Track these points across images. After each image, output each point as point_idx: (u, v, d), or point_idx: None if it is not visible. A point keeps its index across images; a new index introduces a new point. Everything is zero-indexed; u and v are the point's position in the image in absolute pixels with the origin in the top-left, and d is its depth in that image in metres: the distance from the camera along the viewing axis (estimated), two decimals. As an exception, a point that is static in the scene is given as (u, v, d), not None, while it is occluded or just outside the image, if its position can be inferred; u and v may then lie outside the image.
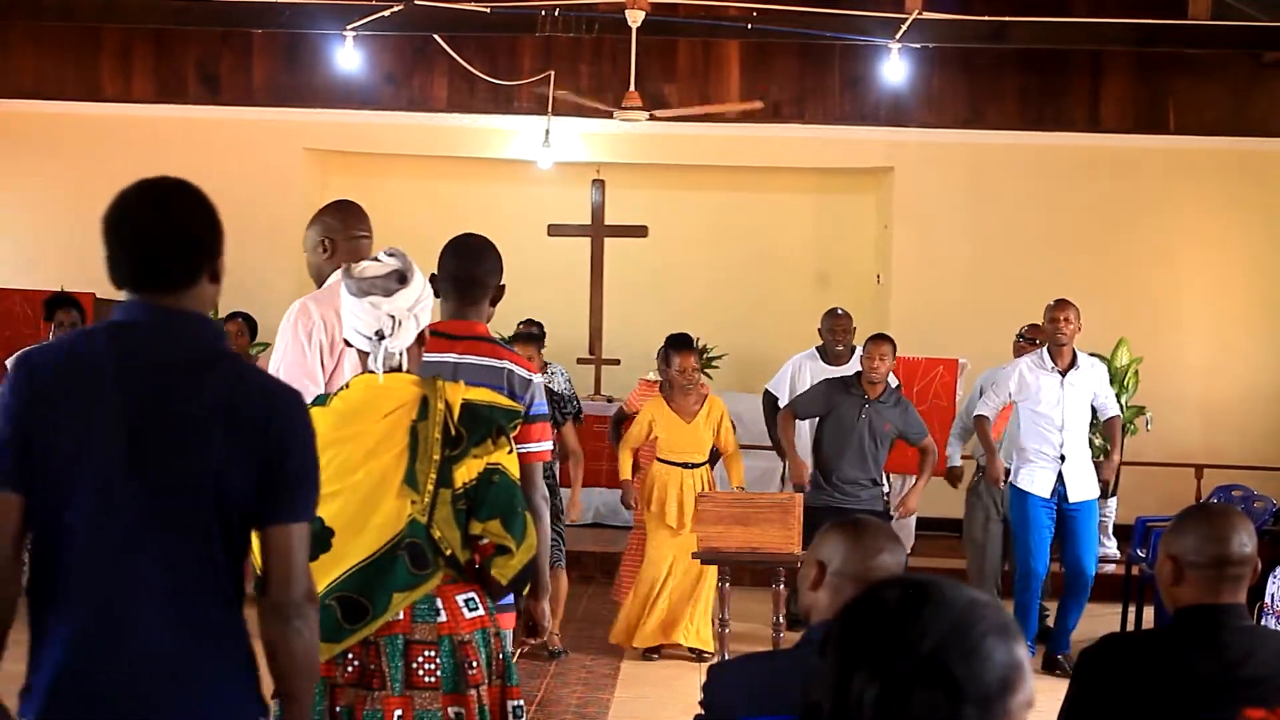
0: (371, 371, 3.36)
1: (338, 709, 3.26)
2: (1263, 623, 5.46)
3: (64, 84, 11.73)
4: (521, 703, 3.45)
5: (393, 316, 3.32)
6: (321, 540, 3.16)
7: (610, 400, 11.42)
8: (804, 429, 8.21)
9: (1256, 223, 11.79)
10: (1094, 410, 7.85)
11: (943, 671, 1.46)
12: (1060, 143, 11.66)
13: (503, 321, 11.18)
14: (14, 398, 2.52)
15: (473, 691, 3.26)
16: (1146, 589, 8.07)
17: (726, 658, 6.82)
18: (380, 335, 3.31)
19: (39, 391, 2.51)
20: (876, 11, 10.32)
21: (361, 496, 3.23)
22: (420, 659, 3.24)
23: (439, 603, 3.27)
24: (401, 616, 3.24)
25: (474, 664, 3.27)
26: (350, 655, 3.25)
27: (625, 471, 7.92)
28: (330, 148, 12.43)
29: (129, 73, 11.74)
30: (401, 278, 3.35)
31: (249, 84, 11.73)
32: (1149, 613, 8.19)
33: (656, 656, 7.73)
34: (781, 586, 7.10)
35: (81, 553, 2.50)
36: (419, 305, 3.38)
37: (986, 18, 10.15)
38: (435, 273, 3.99)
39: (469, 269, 4.04)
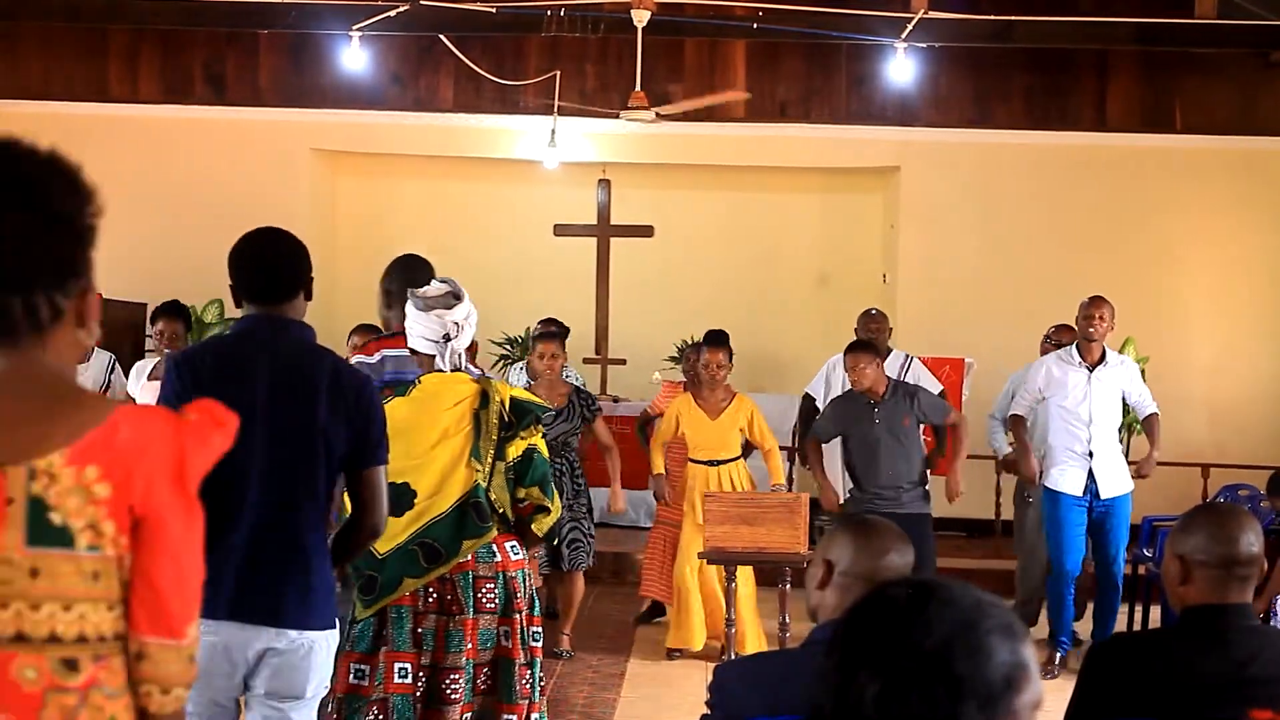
0: (440, 370, 4.38)
1: (420, 630, 4.26)
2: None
3: (71, 85, 11.75)
4: (540, 629, 4.45)
5: (456, 323, 4.36)
6: (407, 500, 4.25)
7: (616, 400, 11.42)
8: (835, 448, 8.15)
9: (1263, 222, 11.77)
10: (1129, 409, 7.82)
11: (945, 668, 1.47)
12: (1067, 142, 11.65)
13: (512, 320, 11.25)
14: (180, 384, 3.48)
15: (517, 615, 4.32)
16: (1153, 588, 8.06)
17: (733, 657, 6.82)
18: (447, 338, 4.35)
19: (198, 378, 3.48)
20: (883, 11, 10.31)
21: (441, 467, 4.29)
22: (484, 589, 4.29)
23: (494, 547, 4.31)
24: (469, 558, 4.27)
25: (519, 594, 4.34)
26: (430, 590, 4.26)
27: (658, 466, 7.97)
28: (336, 148, 12.44)
29: (136, 73, 11.76)
30: (456, 296, 4.41)
31: (255, 84, 11.74)
32: (1155, 612, 8.18)
33: (680, 655, 7.74)
34: (788, 586, 7.09)
35: (240, 494, 3.42)
36: (470, 317, 4.43)
37: (992, 17, 10.13)
38: (385, 284, 4.81)
39: (420, 282, 4.71)
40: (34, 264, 1.85)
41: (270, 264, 3.63)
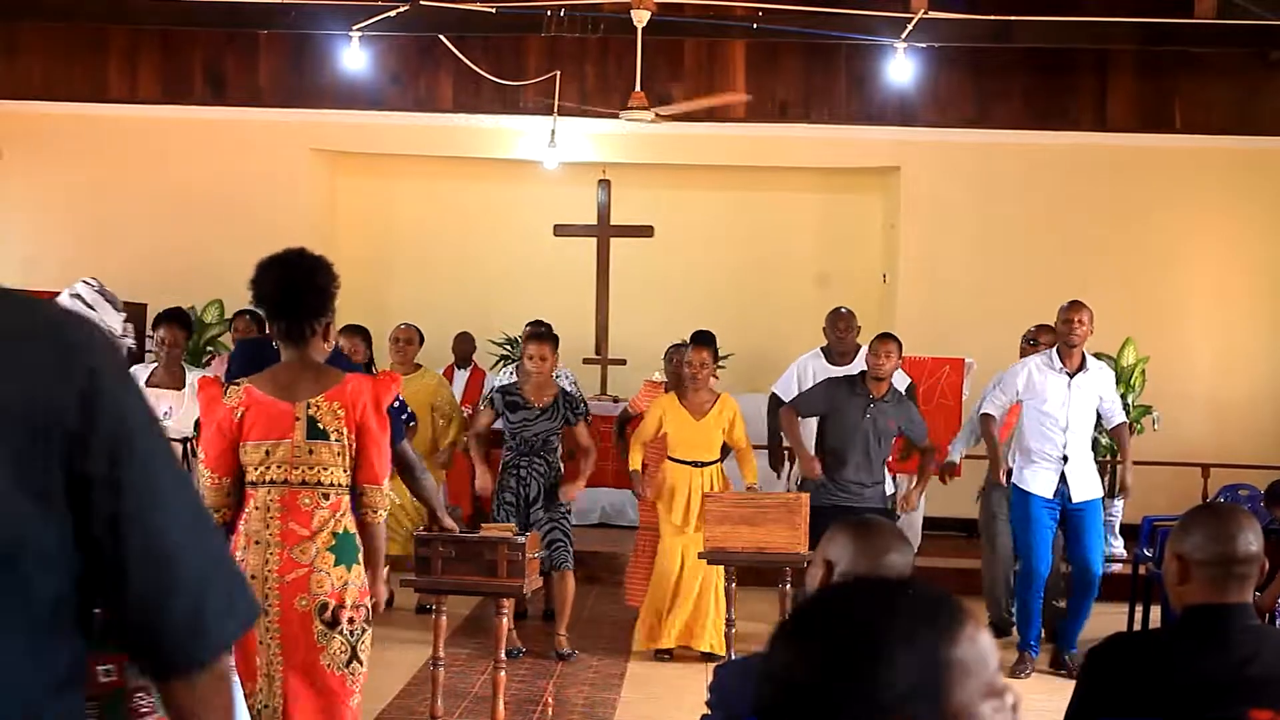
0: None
1: None
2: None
3: (71, 85, 11.74)
4: None
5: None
6: None
7: (616, 400, 11.42)
8: (808, 428, 8.17)
9: (1263, 221, 11.77)
10: (1099, 415, 7.83)
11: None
12: (1066, 142, 11.65)
13: (511, 320, 11.25)
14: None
15: None
16: (1153, 588, 8.06)
17: (734, 658, 6.82)
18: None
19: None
20: (882, 11, 10.31)
21: None
22: None
23: None
24: None
25: None
26: None
27: (635, 463, 7.93)
28: (336, 148, 12.44)
29: (135, 73, 11.75)
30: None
31: (255, 85, 11.74)
32: (1156, 612, 8.18)
33: (669, 657, 7.73)
34: (788, 586, 7.09)
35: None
36: None
37: (992, 17, 10.13)
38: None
39: None
40: (310, 310, 4.17)
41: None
